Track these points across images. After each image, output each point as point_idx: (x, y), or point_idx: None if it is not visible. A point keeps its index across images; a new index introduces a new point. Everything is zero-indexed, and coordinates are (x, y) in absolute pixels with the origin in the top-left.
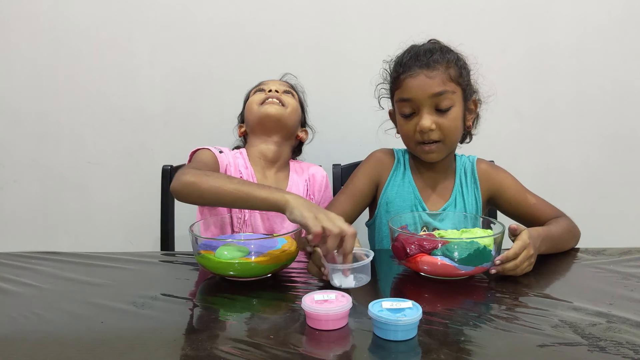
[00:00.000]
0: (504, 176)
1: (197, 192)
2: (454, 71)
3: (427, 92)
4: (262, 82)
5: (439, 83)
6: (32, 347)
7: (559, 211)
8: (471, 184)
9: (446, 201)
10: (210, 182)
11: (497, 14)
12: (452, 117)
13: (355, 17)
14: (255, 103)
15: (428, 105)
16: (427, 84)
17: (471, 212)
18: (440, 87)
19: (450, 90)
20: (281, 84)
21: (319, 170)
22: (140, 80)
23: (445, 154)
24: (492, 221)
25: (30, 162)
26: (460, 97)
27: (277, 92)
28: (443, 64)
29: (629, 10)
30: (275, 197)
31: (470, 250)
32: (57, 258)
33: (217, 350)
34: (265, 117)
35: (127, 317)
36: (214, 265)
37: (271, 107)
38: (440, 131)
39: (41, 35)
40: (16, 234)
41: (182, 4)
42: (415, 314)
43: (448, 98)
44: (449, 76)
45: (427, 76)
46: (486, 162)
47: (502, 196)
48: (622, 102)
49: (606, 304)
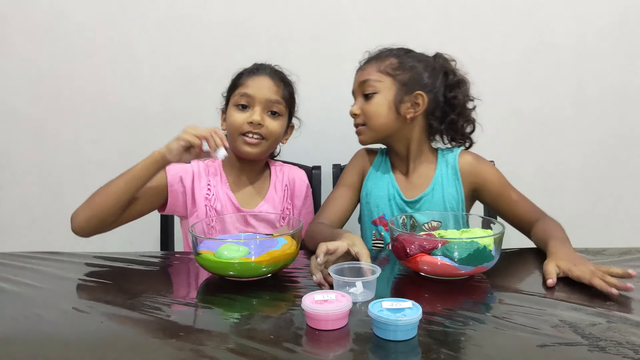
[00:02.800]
0: (489, 170)
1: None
2: (388, 64)
3: (357, 82)
4: (248, 82)
5: (366, 74)
6: (32, 347)
7: (540, 210)
8: (452, 174)
9: (424, 190)
10: (98, 198)
11: (497, 14)
12: (374, 102)
13: (355, 16)
14: (236, 124)
15: (358, 93)
16: (358, 75)
17: (450, 202)
18: (365, 77)
19: (373, 79)
20: (270, 90)
21: (300, 175)
22: (140, 81)
23: (371, 137)
24: (492, 221)
25: (30, 163)
26: (389, 87)
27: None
28: (379, 60)
29: (629, 10)
30: (150, 157)
31: (470, 250)
32: (57, 258)
33: (217, 350)
34: (243, 153)
35: (127, 317)
36: (213, 265)
37: (250, 148)
38: (363, 115)
39: (40, 35)
40: (16, 234)
41: (182, 4)
42: (415, 314)
43: (371, 85)
44: (378, 68)
45: (361, 69)
46: (471, 155)
47: (485, 190)
48: (622, 102)
49: (606, 304)
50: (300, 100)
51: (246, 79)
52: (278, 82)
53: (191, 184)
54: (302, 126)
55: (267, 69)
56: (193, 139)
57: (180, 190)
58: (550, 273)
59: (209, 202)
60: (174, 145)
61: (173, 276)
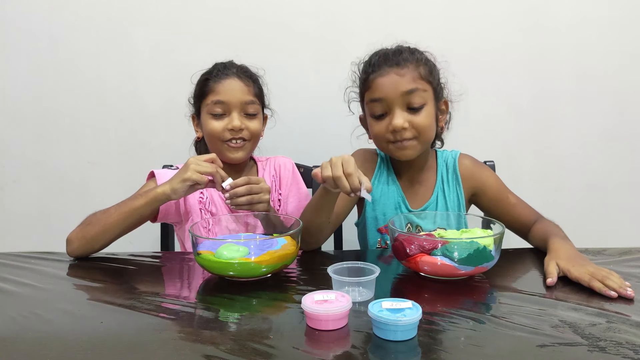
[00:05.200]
0: (487, 174)
1: (91, 246)
2: (424, 69)
3: (398, 90)
4: (218, 88)
5: (410, 80)
6: (32, 347)
7: (537, 213)
8: (452, 180)
9: (428, 199)
10: (94, 229)
11: (498, 14)
12: (424, 114)
13: (354, 17)
14: (216, 133)
15: (400, 104)
16: (398, 82)
17: (453, 208)
18: (411, 85)
19: (421, 88)
20: (242, 91)
21: (285, 162)
22: (140, 80)
23: (419, 151)
24: (492, 221)
25: (30, 162)
26: (431, 96)
27: (241, 127)
28: (413, 62)
29: (629, 10)
30: (153, 194)
31: (470, 250)
32: (57, 258)
33: (217, 350)
34: (229, 159)
35: (127, 317)
36: (213, 265)
37: (236, 154)
38: (414, 129)
39: (41, 34)
40: (16, 234)
41: (182, 3)
42: (415, 314)
43: (420, 96)
44: (419, 74)
45: (398, 74)
46: (470, 158)
47: (484, 194)
48: (622, 102)
49: (606, 304)
50: (298, 100)
51: (215, 84)
52: (247, 82)
53: None
54: (305, 126)
55: (233, 69)
56: (200, 178)
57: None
58: (551, 272)
59: (204, 206)
60: (179, 187)
61: (173, 276)
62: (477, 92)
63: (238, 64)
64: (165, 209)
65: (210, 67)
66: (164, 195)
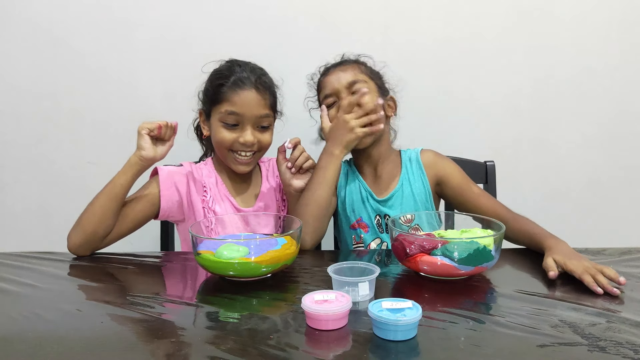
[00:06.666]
0: (449, 165)
1: (91, 239)
2: (364, 68)
3: (342, 83)
4: (234, 98)
5: (352, 75)
6: (32, 347)
7: (506, 207)
8: (417, 169)
9: (394, 188)
10: (87, 217)
11: (497, 13)
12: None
13: (354, 18)
14: (226, 143)
15: (346, 93)
16: (342, 77)
17: (420, 196)
18: (353, 77)
19: (362, 80)
20: (259, 105)
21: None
22: (140, 80)
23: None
24: (493, 221)
25: (30, 162)
26: (374, 88)
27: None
28: (354, 63)
29: (629, 10)
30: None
31: (470, 250)
32: (57, 258)
33: (217, 350)
34: (235, 170)
35: (127, 317)
36: (213, 265)
37: (243, 167)
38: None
39: (41, 34)
40: (16, 234)
41: (182, 4)
42: (415, 314)
43: (361, 85)
44: (360, 70)
45: (342, 71)
46: (432, 151)
47: (447, 183)
48: (622, 102)
49: (606, 304)
50: (298, 101)
51: (231, 94)
52: (264, 94)
53: (186, 189)
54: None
55: (251, 79)
56: (150, 126)
57: (176, 197)
58: (551, 266)
59: (207, 204)
60: (140, 142)
61: (173, 276)
62: (477, 92)
63: (257, 69)
64: (168, 206)
65: (225, 66)
66: (135, 157)
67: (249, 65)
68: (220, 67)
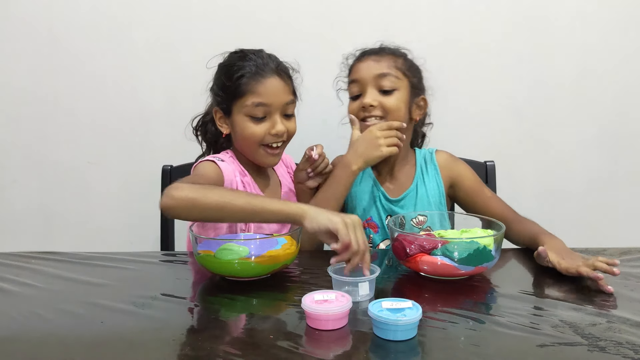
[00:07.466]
0: (463, 167)
1: (197, 208)
2: (401, 63)
3: (371, 73)
4: (258, 89)
5: (385, 67)
6: (32, 347)
7: (515, 212)
8: (432, 170)
9: (407, 188)
10: (215, 198)
11: (497, 13)
12: (395, 98)
13: (357, 16)
14: (257, 137)
15: (372, 85)
16: (372, 67)
17: (434, 197)
18: (385, 70)
19: (394, 75)
20: (284, 91)
21: (290, 158)
22: (140, 80)
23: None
24: (493, 221)
25: (30, 162)
26: (406, 86)
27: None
28: (391, 55)
29: (629, 11)
30: (290, 208)
31: (470, 250)
32: (57, 258)
33: (217, 350)
34: (265, 164)
35: (127, 317)
36: (214, 265)
37: (274, 159)
38: (382, 109)
39: (41, 34)
40: (16, 234)
41: (182, 4)
42: (415, 314)
43: (391, 80)
44: (395, 64)
45: (374, 60)
46: (447, 153)
47: (460, 185)
48: (622, 103)
49: (606, 304)
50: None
51: (255, 84)
52: (286, 80)
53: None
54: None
55: (271, 66)
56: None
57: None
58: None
59: None
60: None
61: (173, 276)
62: (477, 92)
63: (272, 55)
64: None
65: (236, 57)
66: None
67: (262, 52)
68: (230, 59)
